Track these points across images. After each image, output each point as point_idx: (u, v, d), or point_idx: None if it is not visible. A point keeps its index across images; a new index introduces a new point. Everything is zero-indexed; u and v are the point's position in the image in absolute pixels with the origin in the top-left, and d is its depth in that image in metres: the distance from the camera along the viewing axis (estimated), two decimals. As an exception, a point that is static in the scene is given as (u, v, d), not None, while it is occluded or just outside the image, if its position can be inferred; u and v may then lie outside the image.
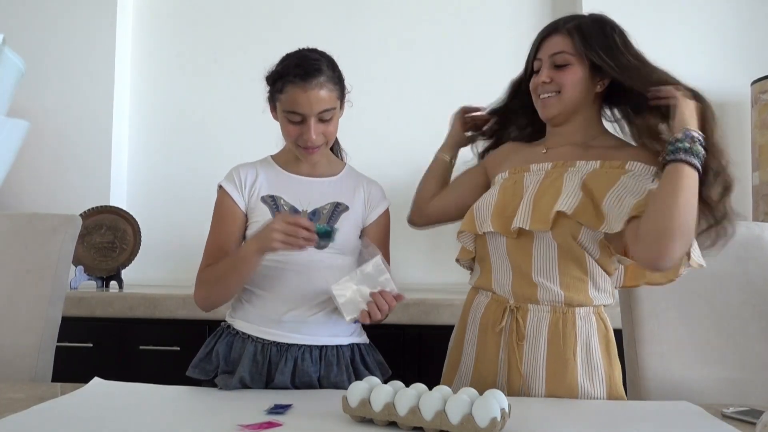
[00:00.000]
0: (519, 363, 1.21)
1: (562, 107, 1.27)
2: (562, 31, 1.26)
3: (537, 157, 1.32)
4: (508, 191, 1.28)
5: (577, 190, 1.19)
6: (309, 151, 1.31)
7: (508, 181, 1.31)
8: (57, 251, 1.46)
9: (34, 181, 2.59)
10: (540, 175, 1.27)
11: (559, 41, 1.26)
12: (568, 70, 1.25)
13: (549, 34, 1.29)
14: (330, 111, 1.28)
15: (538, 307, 1.23)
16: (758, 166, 2.21)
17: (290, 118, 1.28)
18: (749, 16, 2.47)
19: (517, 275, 1.25)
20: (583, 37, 1.24)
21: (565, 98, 1.26)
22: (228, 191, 1.35)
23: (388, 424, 0.98)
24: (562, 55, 1.25)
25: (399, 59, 2.62)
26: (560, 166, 1.26)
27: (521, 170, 1.31)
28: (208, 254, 1.34)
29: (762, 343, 1.35)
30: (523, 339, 1.22)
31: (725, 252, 1.39)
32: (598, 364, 1.22)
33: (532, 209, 1.20)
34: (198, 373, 1.32)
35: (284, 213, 1.28)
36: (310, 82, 1.24)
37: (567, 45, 1.25)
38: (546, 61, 1.27)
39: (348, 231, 1.35)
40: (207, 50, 2.71)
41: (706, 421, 1.05)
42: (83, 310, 2.06)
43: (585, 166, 1.24)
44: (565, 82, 1.25)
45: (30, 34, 2.61)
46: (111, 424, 0.99)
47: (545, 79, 1.26)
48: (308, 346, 1.30)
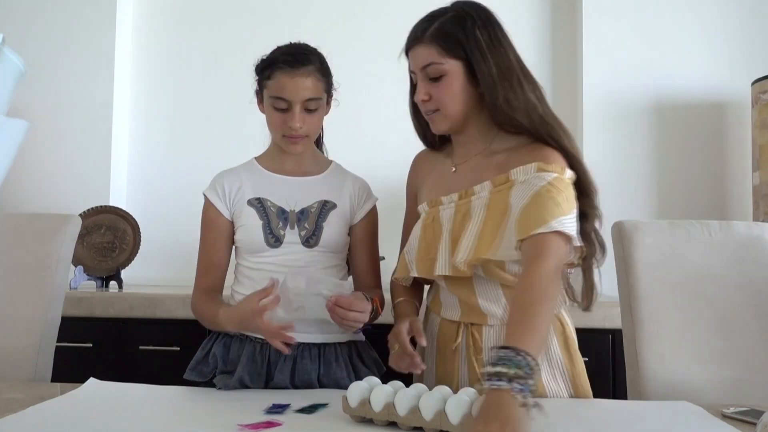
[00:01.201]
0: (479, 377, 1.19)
1: (450, 122, 1.21)
2: (425, 40, 1.17)
3: (447, 180, 1.26)
4: (428, 231, 1.23)
5: (476, 227, 1.14)
6: (293, 140, 1.31)
7: (428, 218, 1.25)
8: (57, 251, 1.46)
9: (33, 181, 2.58)
10: (451, 209, 1.22)
11: (424, 52, 1.17)
12: (444, 83, 1.17)
13: (412, 46, 1.20)
14: (316, 101, 1.29)
15: (492, 327, 1.21)
16: (758, 166, 2.21)
17: (276, 105, 1.29)
18: (749, 16, 2.47)
19: (464, 306, 1.23)
20: (446, 41, 1.15)
21: (448, 113, 1.19)
22: (211, 201, 1.37)
23: (388, 424, 0.98)
24: (433, 67, 1.17)
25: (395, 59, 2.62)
26: (464, 197, 1.20)
27: (436, 203, 1.25)
28: (199, 266, 1.39)
29: (762, 343, 1.35)
30: (481, 353, 1.20)
31: (725, 252, 1.40)
32: (559, 362, 1.21)
33: (450, 254, 1.16)
34: (195, 375, 1.32)
35: (267, 322, 1.18)
36: (298, 68, 1.26)
37: (433, 55, 1.16)
38: (419, 74, 1.19)
39: (336, 229, 1.36)
40: (207, 50, 2.71)
41: (707, 422, 1.05)
42: (83, 310, 2.06)
43: (481, 191, 1.18)
44: (443, 97, 1.18)
45: (30, 34, 2.61)
46: (110, 424, 0.98)
47: (423, 97, 1.19)
48: (306, 345, 1.30)
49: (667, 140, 2.47)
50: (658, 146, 2.48)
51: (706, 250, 1.40)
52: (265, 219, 1.33)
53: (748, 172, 2.38)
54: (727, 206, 2.44)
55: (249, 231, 1.33)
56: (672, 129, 2.47)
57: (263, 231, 1.32)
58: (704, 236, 1.41)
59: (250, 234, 1.33)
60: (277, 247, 1.32)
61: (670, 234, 1.41)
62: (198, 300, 1.37)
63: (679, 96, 2.47)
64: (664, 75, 2.46)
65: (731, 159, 2.46)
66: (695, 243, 1.40)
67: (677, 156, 2.47)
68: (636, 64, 2.47)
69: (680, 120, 2.46)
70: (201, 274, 1.38)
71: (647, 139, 2.48)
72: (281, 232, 1.33)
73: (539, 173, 1.11)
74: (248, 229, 1.33)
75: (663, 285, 1.38)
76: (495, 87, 1.15)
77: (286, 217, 1.34)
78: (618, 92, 2.47)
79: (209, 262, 1.38)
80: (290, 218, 1.34)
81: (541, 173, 1.11)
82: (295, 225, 1.33)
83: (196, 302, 1.37)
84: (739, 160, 2.44)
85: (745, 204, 2.38)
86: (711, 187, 2.46)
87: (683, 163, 2.46)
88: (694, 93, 2.46)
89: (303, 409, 1.07)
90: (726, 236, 1.41)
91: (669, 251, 1.39)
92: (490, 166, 1.20)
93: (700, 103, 2.46)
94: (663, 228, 1.42)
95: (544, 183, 1.09)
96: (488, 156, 1.22)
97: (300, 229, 1.33)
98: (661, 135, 2.48)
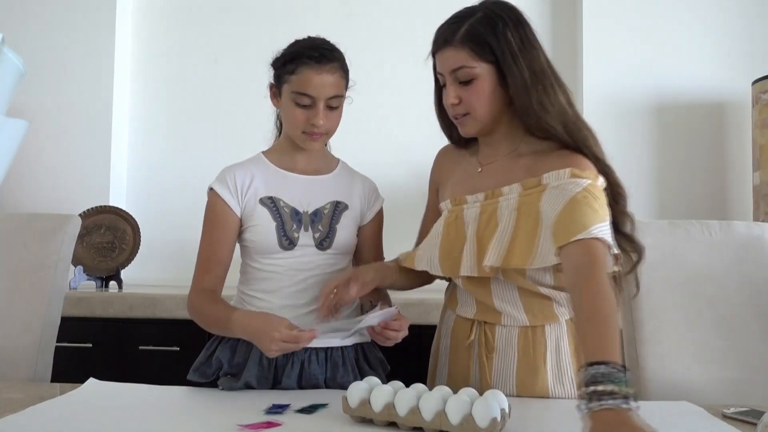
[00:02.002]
0: (488, 375, 1.20)
1: (479, 125, 1.19)
2: (455, 43, 1.14)
3: (472, 179, 1.25)
4: (451, 229, 1.22)
5: (507, 232, 1.13)
6: (313, 137, 1.28)
7: (450, 217, 1.24)
8: (57, 251, 1.46)
9: (33, 181, 2.58)
10: (476, 208, 1.21)
11: (454, 56, 1.15)
12: (474, 87, 1.15)
13: (441, 48, 1.17)
14: (338, 98, 1.27)
15: (505, 327, 1.21)
16: (758, 166, 2.21)
17: (299, 101, 1.25)
18: (749, 16, 2.47)
19: (480, 305, 1.23)
20: (477, 45, 1.13)
21: (478, 117, 1.17)
22: (222, 195, 1.30)
23: (388, 425, 0.97)
24: (464, 71, 1.14)
25: (398, 59, 2.62)
26: (491, 197, 1.19)
27: (460, 201, 1.24)
28: (201, 263, 1.32)
29: (762, 343, 1.35)
30: (492, 351, 1.20)
31: (725, 252, 1.40)
32: (567, 368, 1.20)
33: (476, 254, 1.16)
34: (198, 376, 1.30)
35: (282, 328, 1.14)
36: (325, 64, 1.23)
37: (464, 58, 1.14)
38: (448, 77, 1.17)
39: (348, 231, 1.34)
40: (207, 50, 2.71)
41: (707, 422, 1.05)
42: (83, 310, 2.06)
43: (509, 193, 1.17)
44: (473, 102, 1.16)
45: (30, 34, 2.61)
46: (110, 424, 0.98)
47: (453, 101, 1.17)
48: (314, 349, 1.27)
49: (667, 140, 2.48)
50: (658, 146, 2.48)
51: (706, 250, 1.40)
52: (278, 220, 1.29)
53: (748, 172, 2.38)
54: (727, 206, 2.44)
55: (262, 232, 1.29)
56: (672, 129, 2.47)
57: (277, 233, 1.28)
58: (704, 236, 1.41)
59: (262, 235, 1.29)
60: (290, 250, 1.29)
61: (670, 234, 1.41)
62: (198, 299, 1.30)
63: (679, 96, 2.47)
64: (665, 75, 2.46)
65: (731, 159, 2.46)
66: (695, 243, 1.40)
67: (677, 156, 2.47)
68: (636, 64, 2.47)
69: (680, 120, 2.47)
70: (202, 272, 1.31)
71: (647, 139, 2.48)
72: (295, 234, 1.29)
73: (573, 179, 1.10)
74: (261, 230, 1.29)
75: (663, 285, 1.38)
76: (527, 91, 1.13)
77: (300, 219, 1.30)
78: (618, 92, 2.48)
79: (212, 259, 1.31)
80: (304, 220, 1.31)
81: (575, 179, 1.10)
82: (309, 227, 1.30)
83: (196, 301, 1.30)
84: (739, 160, 2.44)
85: (745, 204, 2.38)
86: (711, 187, 2.46)
87: (683, 163, 2.46)
88: (695, 93, 2.46)
89: (303, 409, 1.06)
90: (726, 236, 1.41)
91: (669, 251, 1.39)
92: (518, 168, 1.19)
93: (700, 103, 2.46)
94: (663, 228, 1.42)
95: (579, 189, 1.08)
96: (516, 158, 1.21)
97: (314, 232, 1.30)
98: (661, 135, 2.48)
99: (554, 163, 1.14)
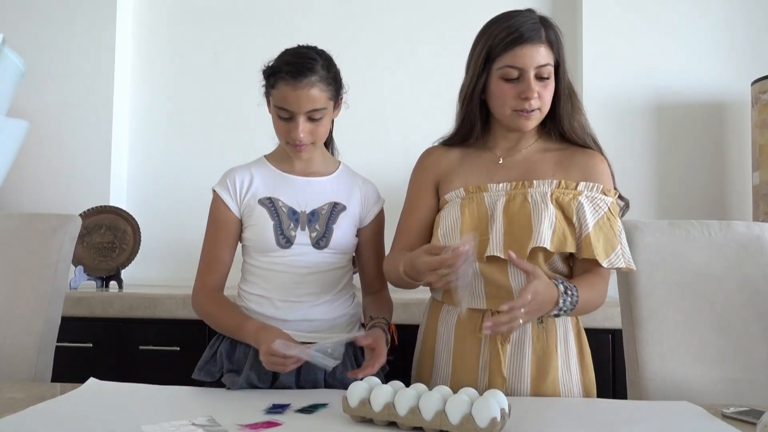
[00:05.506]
0: (502, 365, 1.20)
1: (539, 120, 1.26)
2: (544, 41, 1.20)
3: (492, 169, 1.29)
4: (473, 213, 1.24)
5: (548, 218, 1.18)
6: (297, 148, 1.31)
7: (467, 201, 1.26)
8: (57, 251, 1.46)
9: (33, 181, 2.58)
10: (501, 196, 1.24)
11: (545, 53, 1.21)
12: (549, 84, 1.22)
13: (529, 42, 1.19)
14: (320, 111, 1.28)
15: None
16: (758, 166, 2.21)
17: (280, 114, 1.29)
18: (749, 16, 2.47)
19: (492, 292, 1.23)
20: (554, 46, 1.22)
21: (544, 112, 1.24)
22: (221, 197, 1.36)
23: (388, 424, 0.98)
24: (547, 68, 1.21)
25: (397, 59, 2.62)
26: (520, 187, 1.24)
27: (478, 189, 1.26)
28: (203, 261, 1.37)
29: (762, 344, 1.35)
30: (507, 341, 1.22)
31: (725, 252, 1.40)
32: (573, 353, 1.26)
33: (503, 238, 1.18)
34: (204, 375, 1.33)
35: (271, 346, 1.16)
36: (300, 80, 1.24)
37: (550, 57, 1.21)
38: (530, 72, 1.19)
39: (346, 231, 1.36)
40: (207, 50, 2.71)
41: (707, 422, 1.05)
42: (83, 310, 2.06)
43: (542, 186, 1.23)
44: (547, 98, 1.23)
45: (30, 34, 2.61)
46: (110, 424, 0.99)
47: (536, 95, 1.21)
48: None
49: (667, 140, 2.48)
50: (658, 146, 2.48)
51: (706, 250, 1.40)
52: (276, 219, 1.33)
53: (748, 172, 2.38)
54: (727, 206, 2.45)
55: (260, 231, 1.33)
56: (672, 129, 2.47)
57: (274, 231, 1.32)
58: (704, 236, 1.41)
59: (260, 234, 1.33)
60: (287, 248, 1.32)
61: (670, 234, 1.41)
62: (206, 301, 1.35)
63: (679, 96, 2.47)
64: (665, 75, 2.47)
65: (731, 159, 2.46)
66: (695, 243, 1.40)
67: (677, 156, 2.47)
68: (636, 64, 2.47)
69: (680, 120, 2.47)
70: (205, 271, 1.37)
71: (647, 139, 2.48)
72: (292, 233, 1.33)
73: (602, 195, 1.24)
74: (259, 228, 1.33)
75: (663, 285, 1.38)
76: (569, 95, 1.26)
77: (297, 218, 1.34)
78: (618, 92, 2.48)
79: (215, 259, 1.36)
80: (301, 219, 1.34)
81: (603, 196, 1.24)
82: (305, 226, 1.33)
83: (205, 303, 1.35)
84: (739, 160, 2.44)
85: (745, 204, 2.38)
86: (711, 187, 2.46)
87: (683, 163, 2.46)
88: (695, 93, 2.46)
89: (303, 409, 1.07)
90: (726, 236, 1.41)
91: (669, 251, 1.40)
92: (546, 162, 1.28)
93: (700, 103, 2.46)
94: (663, 228, 1.42)
95: (605, 209, 1.23)
96: (540, 152, 1.30)
97: (311, 231, 1.33)
98: (661, 135, 2.48)
99: (580, 160, 1.28)
